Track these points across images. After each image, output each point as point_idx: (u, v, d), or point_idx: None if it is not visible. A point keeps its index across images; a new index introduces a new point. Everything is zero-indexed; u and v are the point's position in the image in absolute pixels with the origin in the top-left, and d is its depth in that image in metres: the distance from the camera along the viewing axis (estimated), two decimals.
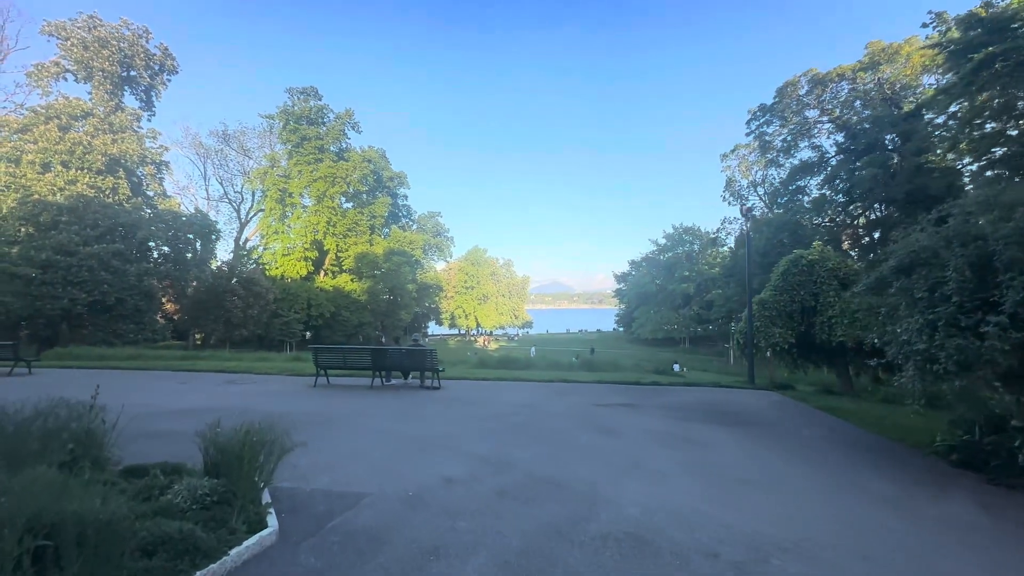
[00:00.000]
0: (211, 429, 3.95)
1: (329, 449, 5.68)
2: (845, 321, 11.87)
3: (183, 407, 8.49)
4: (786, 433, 7.17)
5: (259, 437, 3.86)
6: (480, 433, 6.63)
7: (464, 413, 8.03)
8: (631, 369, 19.39)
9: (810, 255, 13.56)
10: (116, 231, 25.64)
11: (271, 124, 47.19)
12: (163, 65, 33.07)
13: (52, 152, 25.73)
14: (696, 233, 68.40)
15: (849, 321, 11.76)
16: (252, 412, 8.27)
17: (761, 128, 43.03)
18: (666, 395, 10.44)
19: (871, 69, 36.10)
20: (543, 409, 8.45)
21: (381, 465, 5.08)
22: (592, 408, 8.66)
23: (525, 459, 5.40)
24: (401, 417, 7.67)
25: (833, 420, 8.36)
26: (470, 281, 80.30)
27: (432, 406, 8.69)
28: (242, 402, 8.98)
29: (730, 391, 11.40)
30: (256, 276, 35.58)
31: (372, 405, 8.76)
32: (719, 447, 6.17)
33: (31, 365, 13.33)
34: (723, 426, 7.41)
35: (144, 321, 27.16)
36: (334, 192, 45.15)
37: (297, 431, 7.09)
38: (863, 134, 36.14)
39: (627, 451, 5.84)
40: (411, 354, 10.75)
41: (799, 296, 13.21)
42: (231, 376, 12.90)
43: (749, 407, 9.27)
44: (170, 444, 5.73)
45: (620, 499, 4.26)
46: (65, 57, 29.43)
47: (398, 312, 50.67)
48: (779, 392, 11.51)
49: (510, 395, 9.98)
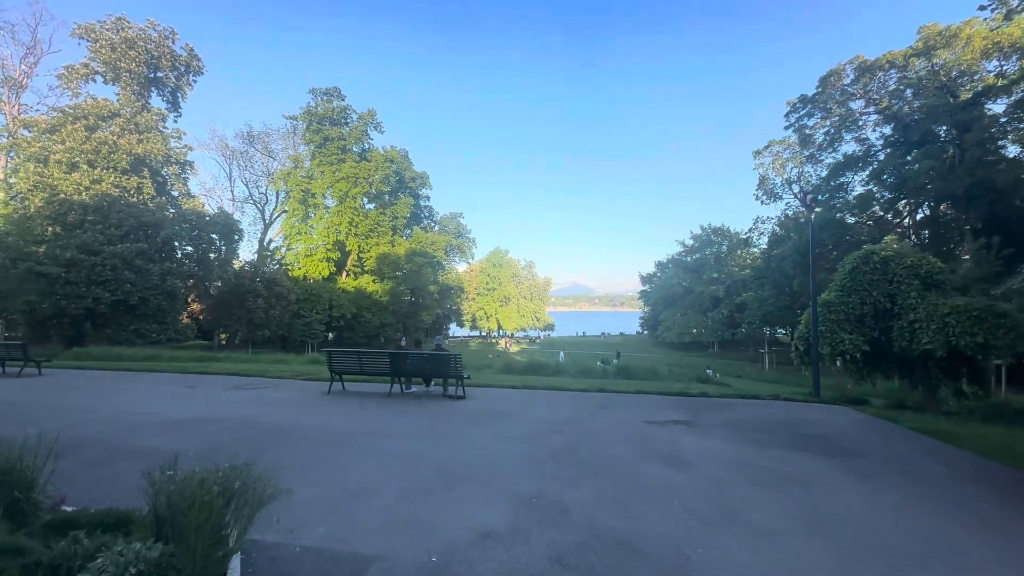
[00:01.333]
0: (164, 471, 2.86)
1: (332, 481, 4.57)
2: (933, 326, 10.17)
3: (181, 416, 7.59)
4: (901, 467, 5.71)
5: (224, 486, 2.75)
6: (517, 460, 5.43)
7: (495, 431, 6.85)
8: (668, 376, 17.91)
9: (883, 251, 11.88)
10: (140, 230, 25.61)
11: (295, 125, 47.37)
12: (189, 66, 33.26)
13: (79, 152, 25.90)
14: (725, 233, 65.84)
15: (939, 326, 10.07)
16: (253, 425, 7.29)
17: (801, 120, 40.49)
18: (724, 410, 9.02)
19: (924, 55, 33.35)
20: (587, 427, 7.19)
21: (396, 509, 3.93)
22: (644, 427, 7.34)
23: (581, 502, 4.17)
24: (422, 435, 6.54)
25: (946, 447, 6.81)
26: (492, 283, 79.37)
27: (457, 421, 7.54)
28: (246, 411, 8.04)
29: (795, 406, 9.86)
30: (278, 276, 35.38)
31: (389, 418, 7.67)
32: (826, 488, 4.79)
33: (41, 365, 12.83)
34: (815, 455, 6.00)
35: (167, 321, 27.09)
36: (356, 192, 44.89)
37: (299, 451, 6.06)
38: (915, 125, 33.60)
39: (708, 491, 4.54)
40: (433, 359, 9.65)
41: (871, 297, 11.55)
42: (242, 380, 12.08)
43: (830, 428, 7.78)
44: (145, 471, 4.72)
45: (722, 574, 2.99)
46: (94, 59, 29.82)
47: (419, 313, 50.04)
48: (854, 408, 9.90)
49: (545, 408, 8.75)
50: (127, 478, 4.45)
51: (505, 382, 11.74)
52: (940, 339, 9.95)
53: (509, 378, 12.99)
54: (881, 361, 12.34)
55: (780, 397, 10.75)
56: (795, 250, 35.86)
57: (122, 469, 4.86)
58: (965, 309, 9.68)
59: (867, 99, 37.45)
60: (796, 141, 45.54)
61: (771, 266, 42.06)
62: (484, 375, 13.75)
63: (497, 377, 13.13)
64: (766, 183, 50.71)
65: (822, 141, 40.55)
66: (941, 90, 33.07)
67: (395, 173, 48.90)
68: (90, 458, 5.30)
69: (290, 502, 3.90)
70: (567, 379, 13.20)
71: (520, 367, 16.33)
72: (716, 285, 61.35)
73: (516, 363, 17.43)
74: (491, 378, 12.71)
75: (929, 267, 11.19)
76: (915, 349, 10.55)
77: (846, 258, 12.69)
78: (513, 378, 12.98)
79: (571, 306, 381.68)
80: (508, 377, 13.34)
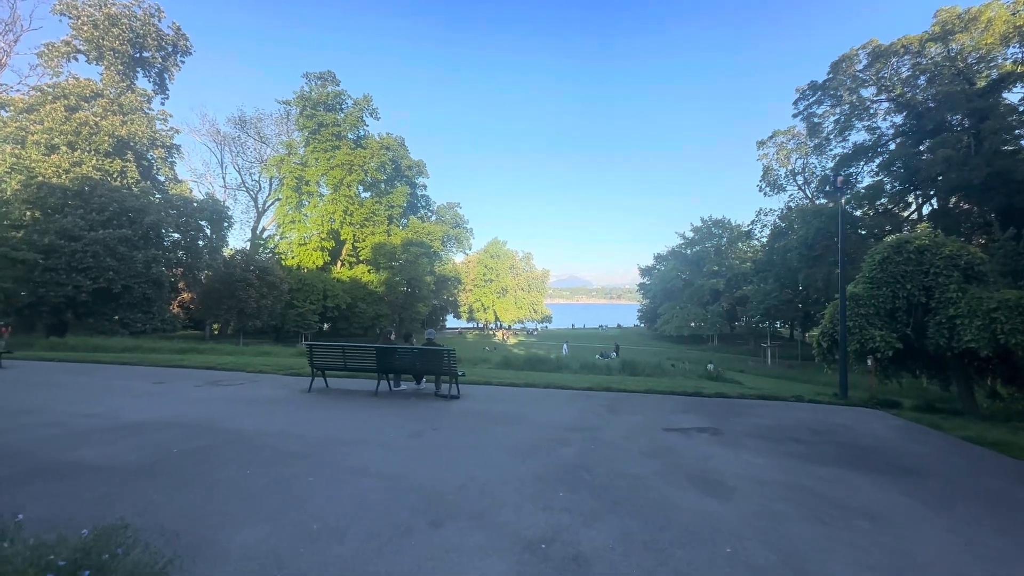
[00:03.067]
0: None
1: (287, 514, 3.61)
2: (977, 322, 9.21)
3: (135, 419, 6.63)
4: (975, 491, 4.79)
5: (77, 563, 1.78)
6: (520, 483, 4.48)
7: (493, 441, 5.90)
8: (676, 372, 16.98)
9: (918, 239, 10.88)
10: (123, 216, 24.47)
11: (288, 110, 45.98)
12: (176, 46, 31.84)
13: (58, 133, 24.67)
14: (726, 226, 64.98)
15: (984, 322, 9.11)
16: (213, 431, 6.30)
17: (810, 108, 39.20)
18: (747, 414, 8.08)
19: (941, 40, 32.03)
20: (599, 436, 6.25)
21: (363, 561, 2.97)
22: (664, 436, 6.41)
23: (603, 548, 3.22)
24: (407, 446, 5.59)
25: (1015, 463, 5.90)
26: (489, 274, 78.33)
27: (449, 427, 6.59)
28: (211, 413, 7.08)
29: (822, 409, 8.93)
30: (270, 266, 34.32)
31: (371, 423, 6.72)
32: (902, 523, 3.86)
33: (2, 357, 11.85)
34: (869, 474, 5.06)
35: (153, 310, 26.03)
36: (351, 180, 43.66)
37: (257, 468, 4.94)
38: (929, 114, 32.41)
39: (761, 530, 3.60)
40: (424, 355, 8.68)
41: (904, 290, 10.57)
42: (219, 375, 11.12)
43: (870, 437, 6.86)
44: (57, 501, 3.76)
45: None
46: (76, 37, 28.41)
47: (416, 304, 49.08)
48: (888, 411, 8.97)
49: (549, 410, 7.81)
50: (32, 509, 3.46)
51: (503, 379, 10.79)
52: (986, 336, 9.00)
53: (508, 374, 12.05)
54: (909, 359, 11.43)
55: (804, 398, 9.80)
56: (801, 242, 34.81)
57: (22, 498, 3.87)
58: (1017, 303, 8.72)
59: (879, 86, 36.17)
60: (802, 131, 44.36)
61: (774, 259, 41.16)
62: (481, 370, 12.81)
63: (495, 373, 12.19)
64: (770, 174, 49.67)
65: (831, 130, 39.35)
66: (957, 76, 31.83)
67: (391, 161, 47.65)
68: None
69: (223, 552, 2.94)
70: (570, 375, 12.25)
71: (519, 361, 15.39)
72: (716, 278, 60.74)
73: (514, 357, 16.48)
74: (488, 374, 11.77)
75: (970, 257, 10.20)
76: (955, 347, 9.61)
77: (874, 247, 11.72)
78: (512, 374, 12.04)
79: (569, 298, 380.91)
80: (506, 373, 12.40)
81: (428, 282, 50.68)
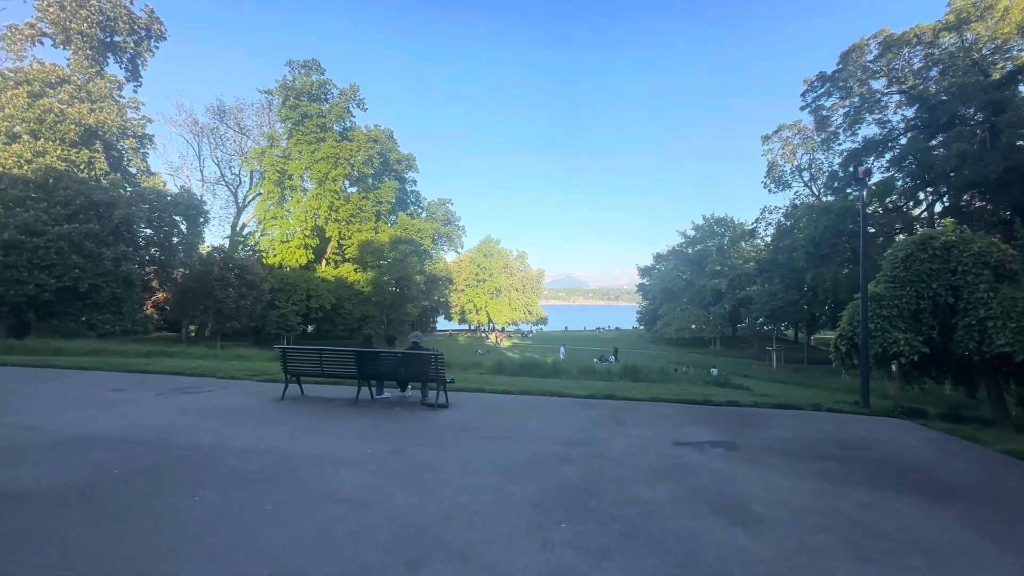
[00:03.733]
0: None
1: (236, 555, 2.94)
2: (1012, 325, 8.79)
3: (78, 434, 5.87)
4: None
5: None
6: (515, 510, 3.87)
7: (484, 458, 5.28)
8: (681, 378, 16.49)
9: (944, 236, 10.36)
10: (90, 210, 23.16)
11: (270, 100, 44.56)
12: (150, 30, 30.43)
13: (19, 120, 23.25)
14: (728, 224, 63.26)
15: (1019, 325, 8.70)
16: (166, 447, 5.52)
17: (819, 101, 38.17)
18: (764, 425, 7.52)
19: (955, 29, 30.55)
20: (603, 452, 5.66)
21: None
22: (676, 452, 5.85)
23: None
24: (385, 466, 4.94)
25: None
26: (482, 274, 76.61)
27: (435, 442, 5.95)
28: (167, 425, 6.33)
29: (845, 419, 8.35)
30: (250, 264, 33.08)
31: (347, 438, 6.04)
32: (966, 562, 3.34)
33: None
34: (913, 498, 4.52)
35: (123, 311, 24.72)
36: (337, 174, 42.43)
37: (209, 492, 3.83)
38: (942, 106, 31.25)
39: (802, 572, 3.04)
40: (409, 360, 8.02)
41: (930, 290, 10.02)
42: (186, 381, 10.28)
43: (905, 452, 6.32)
44: None
45: None
46: (42, 19, 26.90)
47: (405, 305, 48.01)
48: (916, 422, 8.41)
49: (546, 422, 7.20)
50: None
51: (496, 385, 10.16)
52: (1022, 341, 8.61)
53: (501, 380, 11.42)
54: (933, 364, 10.93)
55: (822, 407, 9.23)
56: (808, 241, 33.66)
57: None
58: None
59: (890, 78, 34.94)
60: (808, 125, 43.16)
61: (779, 259, 39.77)
62: (472, 376, 12.15)
63: (487, 379, 11.54)
64: (775, 170, 48.22)
65: (840, 123, 38.38)
66: (972, 68, 30.71)
67: (379, 154, 46.53)
68: None
69: None
70: (568, 382, 11.68)
71: (513, 366, 14.75)
72: (719, 278, 58.89)
73: (508, 361, 15.86)
74: (480, 380, 11.12)
75: (1000, 254, 9.74)
76: (986, 351, 9.17)
77: (896, 244, 11.29)
78: (506, 380, 11.41)
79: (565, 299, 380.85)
80: (500, 379, 11.76)
81: (418, 282, 49.70)
